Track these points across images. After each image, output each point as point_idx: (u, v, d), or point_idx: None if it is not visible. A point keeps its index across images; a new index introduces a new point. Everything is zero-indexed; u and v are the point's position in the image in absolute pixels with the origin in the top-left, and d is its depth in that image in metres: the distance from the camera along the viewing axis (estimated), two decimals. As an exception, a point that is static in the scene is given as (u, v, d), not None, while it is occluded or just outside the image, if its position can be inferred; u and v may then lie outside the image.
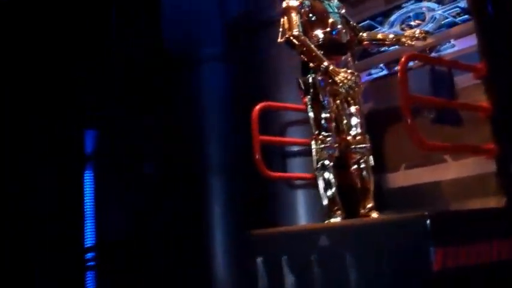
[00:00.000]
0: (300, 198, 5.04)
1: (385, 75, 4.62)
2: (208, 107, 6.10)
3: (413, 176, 4.27)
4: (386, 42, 4.06)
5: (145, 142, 6.91)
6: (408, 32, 3.94)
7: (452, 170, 4.02)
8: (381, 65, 4.65)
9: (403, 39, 3.93)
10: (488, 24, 3.63)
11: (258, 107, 4.33)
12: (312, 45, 3.75)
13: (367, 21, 4.66)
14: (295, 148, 5.05)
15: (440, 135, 3.86)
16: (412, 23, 4.52)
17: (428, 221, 2.76)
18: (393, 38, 3.99)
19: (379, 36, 4.11)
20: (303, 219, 4.99)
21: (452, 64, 3.47)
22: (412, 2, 4.47)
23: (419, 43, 3.94)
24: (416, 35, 3.87)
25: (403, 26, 4.52)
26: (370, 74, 4.58)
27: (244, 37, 5.45)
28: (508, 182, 3.44)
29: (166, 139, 6.44)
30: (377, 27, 4.65)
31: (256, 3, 5.43)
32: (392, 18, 4.59)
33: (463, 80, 3.72)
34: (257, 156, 4.18)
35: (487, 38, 3.63)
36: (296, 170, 4.99)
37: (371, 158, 3.86)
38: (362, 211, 3.77)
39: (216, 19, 6.13)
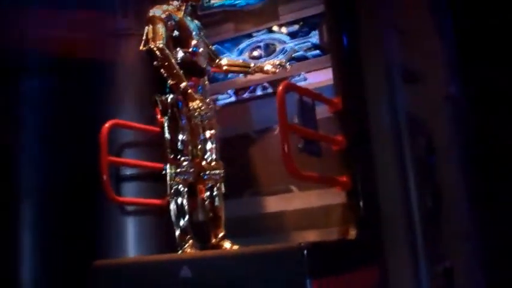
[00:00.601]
0: (130, 226, 4.67)
1: (233, 102, 4.56)
2: (22, 124, 5.38)
3: (258, 204, 4.23)
4: (248, 70, 4.04)
5: None
6: (271, 61, 3.97)
7: (297, 200, 4.07)
8: (229, 91, 4.58)
9: (266, 68, 3.94)
10: (343, 59, 3.79)
11: (107, 125, 3.94)
12: (174, 62, 3.54)
13: (215, 46, 4.56)
14: (128, 171, 4.70)
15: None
16: (256, 53, 4.56)
17: (305, 252, 2.70)
18: (255, 66, 3.99)
19: (241, 63, 4.11)
20: (132, 248, 4.62)
21: (316, 96, 3.53)
22: (263, 32, 4.51)
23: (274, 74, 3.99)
24: (282, 65, 3.91)
25: (252, 54, 4.54)
26: (217, 100, 4.48)
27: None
28: (358, 214, 3.56)
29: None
30: (225, 53, 4.58)
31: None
32: (241, 45, 4.58)
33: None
34: (105, 178, 3.79)
35: (343, 73, 3.78)
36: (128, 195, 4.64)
37: (223, 185, 3.75)
38: (213, 240, 3.61)
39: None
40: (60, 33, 4.87)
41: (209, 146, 3.73)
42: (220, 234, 3.62)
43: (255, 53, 4.53)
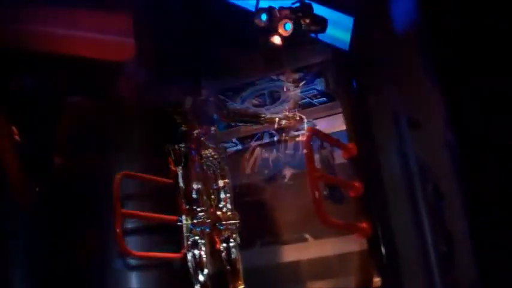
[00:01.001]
0: (134, 281, 4.47)
1: (239, 150, 4.49)
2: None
3: (270, 254, 4.13)
4: (259, 120, 4.04)
5: None
6: (284, 113, 4.00)
7: (312, 249, 3.99)
8: (234, 139, 4.52)
9: (278, 118, 3.97)
10: (354, 106, 3.80)
11: (118, 175, 3.80)
12: (188, 108, 3.53)
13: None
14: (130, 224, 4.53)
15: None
16: (259, 101, 4.53)
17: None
18: (265, 116, 4.02)
19: (250, 113, 4.19)
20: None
21: (335, 142, 3.51)
22: (266, 80, 4.49)
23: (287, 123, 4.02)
24: (294, 116, 3.95)
25: (255, 102, 4.51)
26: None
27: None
28: (380, 261, 3.51)
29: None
30: (227, 102, 4.54)
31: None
32: (245, 93, 4.54)
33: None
34: (118, 230, 3.63)
35: (354, 121, 3.78)
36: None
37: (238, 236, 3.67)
38: (234, 293, 3.51)
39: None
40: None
41: (223, 195, 3.68)
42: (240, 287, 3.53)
43: (259, 101, 4.50)
